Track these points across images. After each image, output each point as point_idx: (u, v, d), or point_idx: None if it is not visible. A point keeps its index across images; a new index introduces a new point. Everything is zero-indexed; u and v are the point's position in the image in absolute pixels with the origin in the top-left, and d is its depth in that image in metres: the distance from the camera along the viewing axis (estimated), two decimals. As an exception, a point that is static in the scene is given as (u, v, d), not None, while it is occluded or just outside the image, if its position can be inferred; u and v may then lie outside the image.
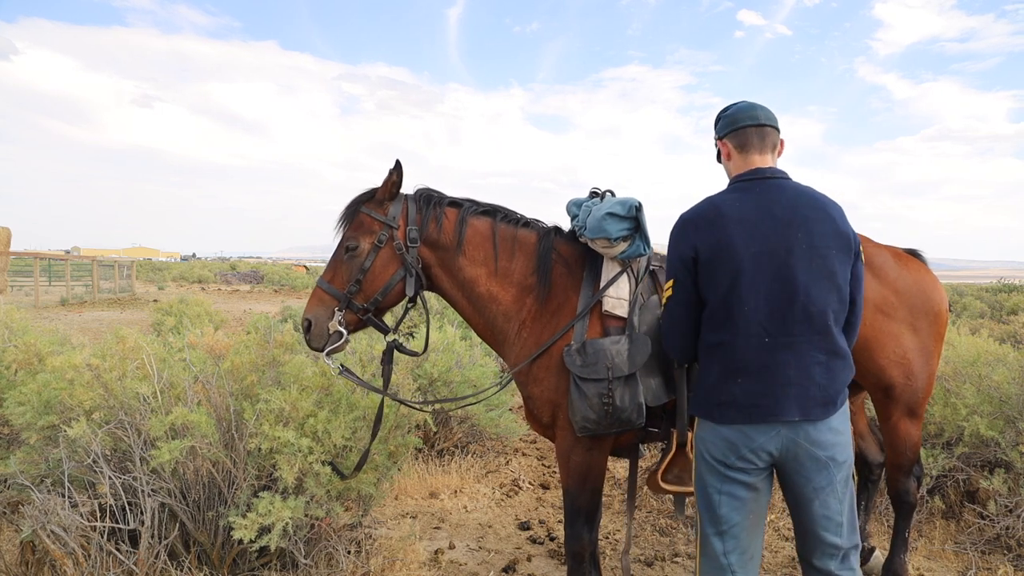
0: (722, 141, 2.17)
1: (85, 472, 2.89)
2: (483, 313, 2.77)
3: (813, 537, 2.03)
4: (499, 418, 5.26)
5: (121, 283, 26.76)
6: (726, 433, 2.00)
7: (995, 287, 23.80)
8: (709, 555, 2.06)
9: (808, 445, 1.96)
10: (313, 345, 2.67)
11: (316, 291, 2.71)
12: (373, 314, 2.72)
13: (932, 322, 2.95)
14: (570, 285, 2.70)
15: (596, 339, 2.51)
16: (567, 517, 2.68)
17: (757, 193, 2.02)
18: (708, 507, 2.06)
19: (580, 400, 2.46)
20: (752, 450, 1.98)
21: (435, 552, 3.69)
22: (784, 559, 3.70)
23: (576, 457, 2.61)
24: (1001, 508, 3.64)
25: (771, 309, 1.95)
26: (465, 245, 2.72)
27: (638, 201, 2.56)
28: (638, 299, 2.59)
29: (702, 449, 2.08)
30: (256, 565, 3.03)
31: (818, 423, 1.96)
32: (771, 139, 2.11)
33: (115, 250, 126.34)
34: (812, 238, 1.95)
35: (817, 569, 2.04)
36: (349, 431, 2.95)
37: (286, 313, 10.57)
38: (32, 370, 3.79)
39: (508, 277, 2.74)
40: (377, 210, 2.69)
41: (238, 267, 48.60)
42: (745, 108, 2.13)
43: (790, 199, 2.00)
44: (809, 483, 1.99)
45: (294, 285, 32.46)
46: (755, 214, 1.98)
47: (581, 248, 2.75)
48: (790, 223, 1.96)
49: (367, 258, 2.65)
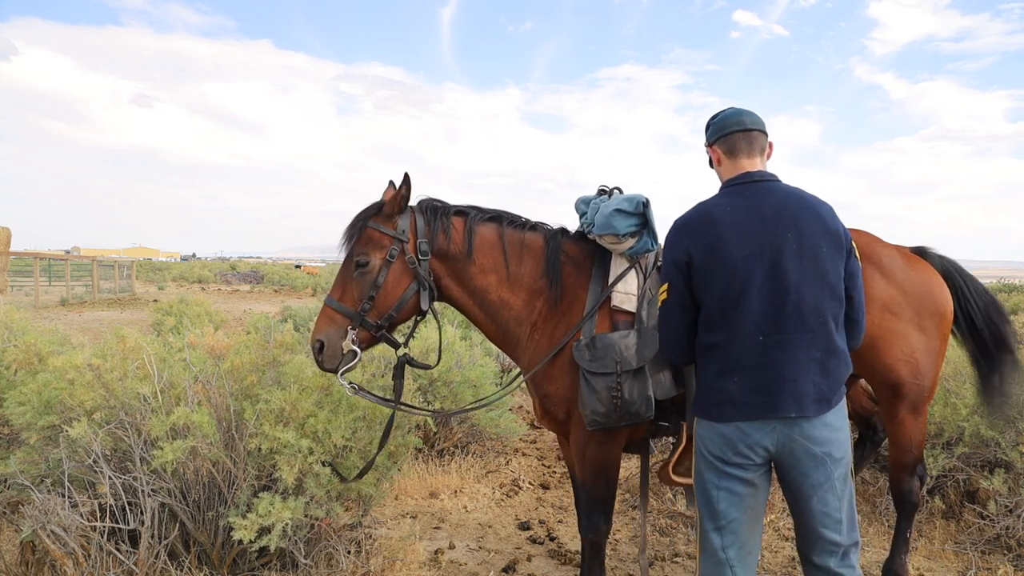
0: (712, 147, 2.20)
1: (85, 472, 2.89)
2: (495, 319, 2.79)
3: (812, 534, 2.04)
4: (499, 418, 5.26)
5: (121, 283, 26.77)
6: (723, 430, 2.03)
7: (995, 287, 23.82)
8: (708, 550, 2.09)
9: (804, 441, 1.98)
10: (327, 367, 2.61)
11: (325, 310, 2.63)
12: (387, 330, 2.67)
13: (938, 322, 2.99)
14: (579, 284, 2.73)
15: (605, 334, 2.54)
16: (584, 508, 2.75)
17: (747, 196, 2.06)
18: (707, 503, 2.09)
19: (589, 394, 2.49)
20: (748, 446, 2.00)
21: (435, 552, 3.69)
22: (784, 559, 3.70)
23: (591, 451, 2.66)
24: (1001, 508, 3.65)
25: (764, 308, 1.98)
26: (475, 254, 2.73)
27: (645, 197, 2.59)
28: (646, 294, 2.62)
29: (700, 445, 2.11)
30: (256, 565, 3.03)
31: (813, 419, 1.98)
32: (759, 143, 2.14)
33: (115, 250, 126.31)
34: (802, 237, 1.99)
35: (817, 566, 2.06)
36: (349, 431, 2.95)
37: (286, 313, 10.57)
38: (32, 370, 3.80)
39: (519, 282, 2.76)
40: (386, 224, 2.64)
41: (238, 267, 48.60)
42: (732, 114, 2.18)
43: (779, 200, 2.03)
44: (807, 479, 2.00)
45: (294, 285, 32.47)
46: (745, 217, 2.01)
47: (589, 246, 2.78)
48: (780, 223, 1.99)
49: (379, 274, 2.60)
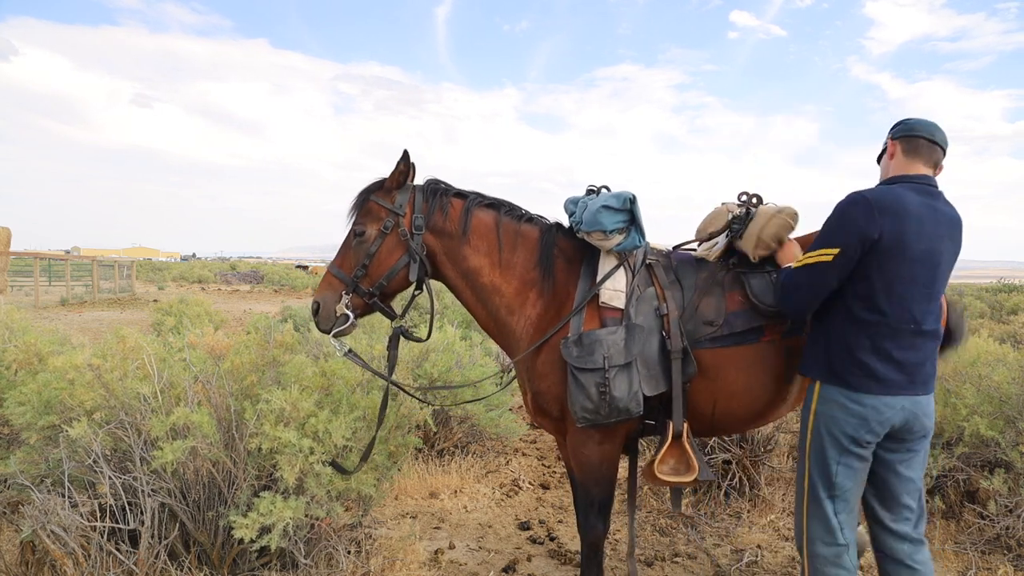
0: (893, 141, 2.36)
1: (85, 472, 2.89)
2: (486, 304, 2.83)
3: (895, 501, 2.33)
4: (499, 418, 5.26)
5: (121, 283, 26.77)
6: (863, 404, 2.23)
7: (995, 287, 23.82)
8: (819, 516, 2.32)
9: (921, 416, 2.26)
10: (321, 327, 2.78)
11: (326, 275, 2.81)
12: (379, 299, 2.81)
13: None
14: (570, 280, 2.76)
15: (592, 330, 2.55)
16: (581, 508, 2.75)
17: (926, 196, 2.24)
18: (825, 474, 2.31)
19: (578, 391, 2.51)
20: (880, 422, 2.23)
21: (435, 552, 3.69)
22: (784, 559, 3.71)
23: (587, 450, 2.66)
24: (1001, 508, 3.65)
25: (920, 303, 2.22)
26: (470, 234, 2.79)
27: (632, 194, 2.62)
28: (635, 291, 2.64)
29: (826, 424, 2.29)
30: (256, 565, 3.03)
31: (929, 395, 2.30)
32: (936, 156, 2.32)
33: (115, 250, 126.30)
34: (952, 251, 2.27)
35: (894, 532, 2.34)
36: (350, 431, 2.95)
37: (286, 313, 10.57)
38: (32, 370, 3.80)
39: (511, 269, 2.79)
40: (385, 198, 2.79)
41: (238, 267, 48.60)
42: (926, 124, 2.33)
43: (948, 212, 2.26)
44: (908, 450, 2.30)
45: (294, 285, 32.47)
46: (930, 216, 2.21)
47: (579, 243, 2.80)
48: (946, 233, 2.23)
49: (373, 244, 2.75)
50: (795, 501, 2.45)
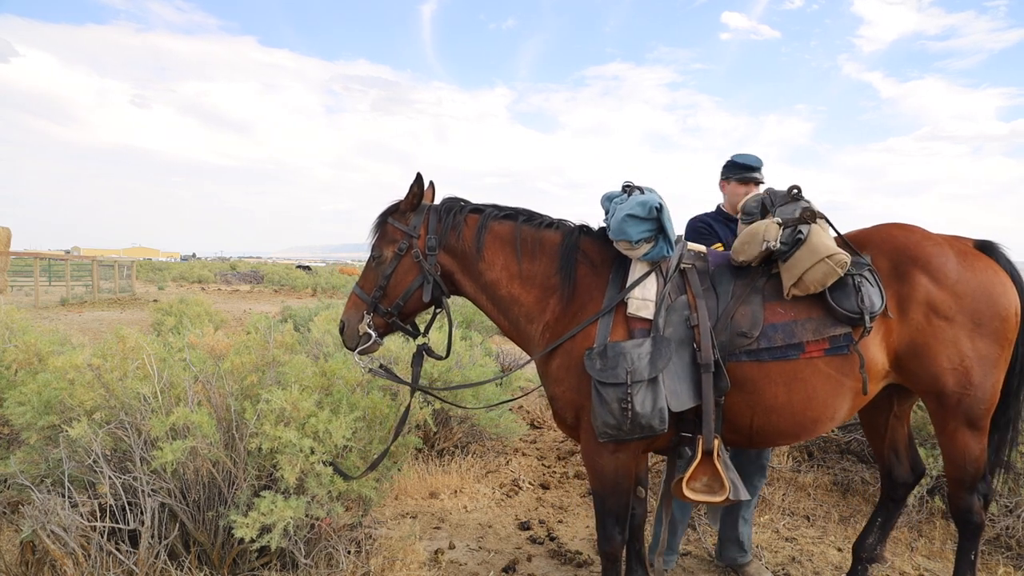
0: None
1: (85, 472, 2.89)
2: (507, 315, 2.81)
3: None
4: (499, 418, 5.25)
5: (121, 283, 26.75)
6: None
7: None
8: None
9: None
10: (347, 345, 2.85)
11: (351, 295, 2.89)
12: (398, 318, 2.83)
13: (998, 327, 2.67)
14: (595, 285, 2.66)
15: (618, 342, 2.46)
16: (597, 519, 2.69)
17: None
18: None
19: (600, 405, 2.42)
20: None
21: (435, 552, 3.69)
22: (784, 559, 3.71)
23: (602, 461, 2.58)
24: (1001, 508, 3.65)
25: None
26: (484, 250, 2.77)
27: (659, 201, 2.49)
28: (665, 299, 2.53)
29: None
30: (256, 565, 3.03)
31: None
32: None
33: (115, 250, 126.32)
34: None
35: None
36: (350, 431, 2.95)
37: (286, 313, 10.56)
38: (32, 370, 3.80)
39: (531, 279, 2.75)
40: (400, 220, 2.82)
41: (238, 267, 48.60)
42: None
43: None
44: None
45: (294, 285, 32.45)
46: None
47: (611, 247, 2.68)
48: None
49: (389, 265, 2.79)
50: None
